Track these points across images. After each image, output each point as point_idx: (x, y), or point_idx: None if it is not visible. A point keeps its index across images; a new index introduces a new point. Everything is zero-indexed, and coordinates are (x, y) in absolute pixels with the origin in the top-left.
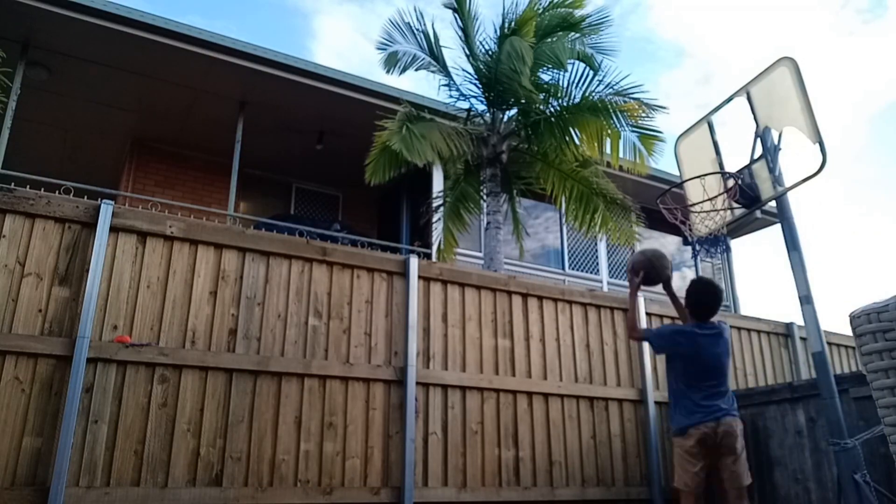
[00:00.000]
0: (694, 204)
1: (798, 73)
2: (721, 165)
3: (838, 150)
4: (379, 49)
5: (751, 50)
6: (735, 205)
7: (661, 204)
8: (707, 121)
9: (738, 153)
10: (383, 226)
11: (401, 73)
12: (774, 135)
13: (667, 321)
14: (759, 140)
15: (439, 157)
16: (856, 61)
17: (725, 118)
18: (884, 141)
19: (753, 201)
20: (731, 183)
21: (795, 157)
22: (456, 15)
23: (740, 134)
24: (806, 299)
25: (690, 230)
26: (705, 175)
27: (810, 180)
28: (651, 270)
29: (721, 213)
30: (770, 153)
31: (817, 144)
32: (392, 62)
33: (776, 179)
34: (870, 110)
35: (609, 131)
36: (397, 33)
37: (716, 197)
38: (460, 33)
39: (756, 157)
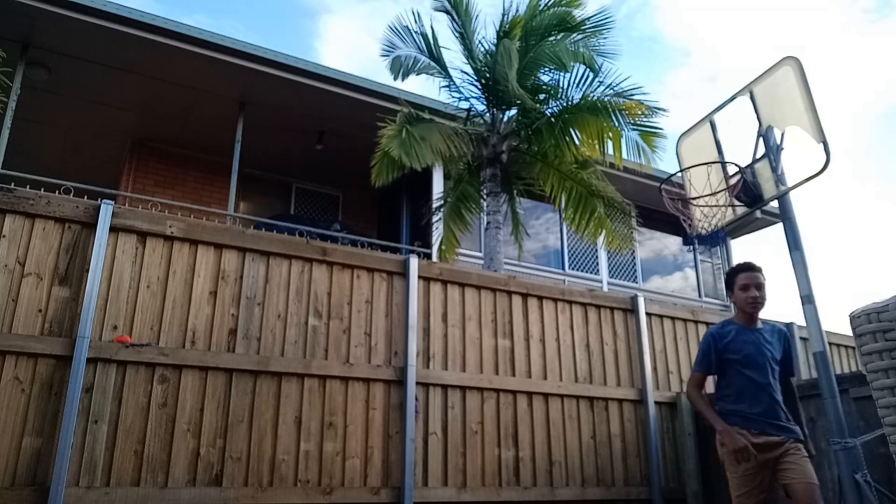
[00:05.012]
0: (696, 198)
1: (802, 72)
2: (724, 164)
3: (843, 150)
4: (383, 55)
5: (757, 49)
6: (737, 202)
7: (664, 192)
8: (710, 120)
9: (741, 153)
10: (383, 226)
11: (404, 79)
12: (777, 134)
13: (666, 321)
14: (761, 139)
15: (440, 158)
16: (862, 61)
17: (730, 116)
18: (885, 141)
19: (756, 200)
20: (734, 178)
21: (798, 157)
22: (451, 17)
23: (744, 133)
24: (807, 299)
25: (690, 225)
26: (710, 163)
27: (813, 180)
28: None
29: (722, 209)
30: (773, 152)
31: (821, 144)
32: (396, 68)
33: (779, 179)
34: (877, 110)
35: (610, 132)
36: (397, 38)
37: (718, 192)
38: (458, 33)
39: (759, 156)
